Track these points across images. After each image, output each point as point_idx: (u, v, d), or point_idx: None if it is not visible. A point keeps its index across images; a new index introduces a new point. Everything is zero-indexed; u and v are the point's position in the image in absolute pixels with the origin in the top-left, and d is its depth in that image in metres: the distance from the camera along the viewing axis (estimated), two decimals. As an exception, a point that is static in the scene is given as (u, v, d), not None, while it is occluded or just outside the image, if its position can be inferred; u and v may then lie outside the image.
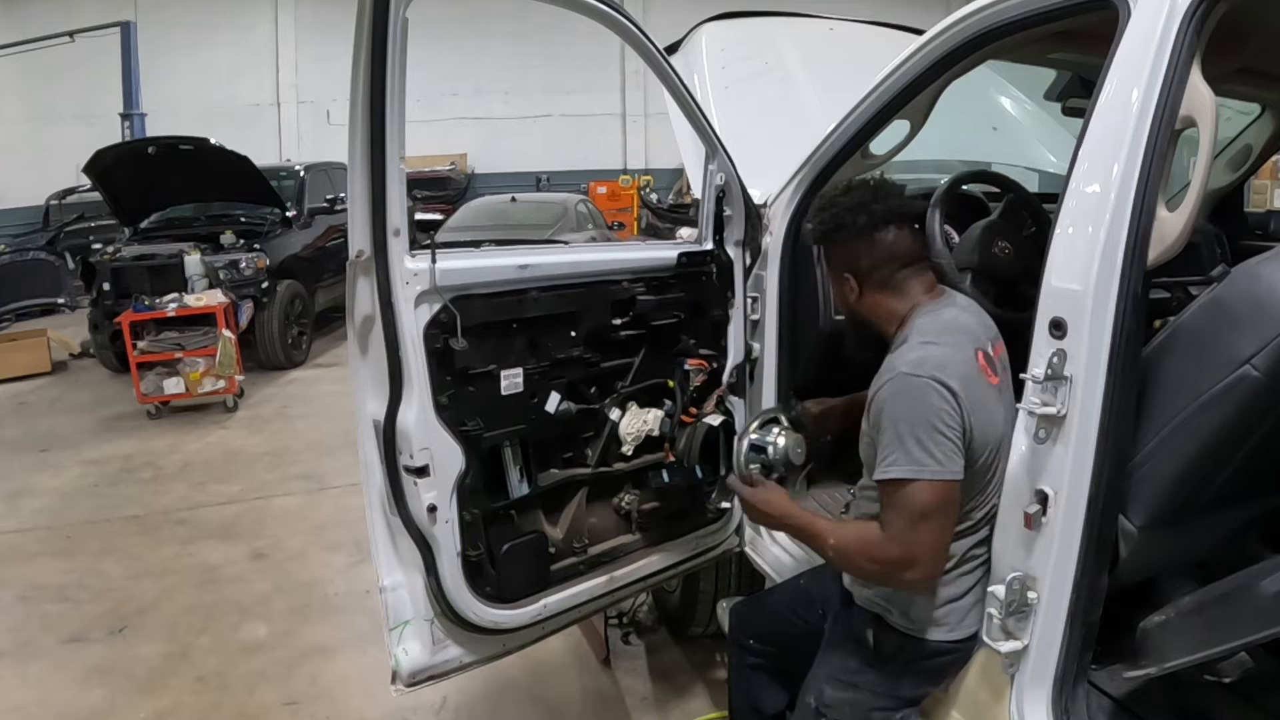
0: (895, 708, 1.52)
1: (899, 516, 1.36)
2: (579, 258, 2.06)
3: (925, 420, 1.34)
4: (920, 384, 1.36)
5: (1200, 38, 1.23)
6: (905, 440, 1.34)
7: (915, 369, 1.38)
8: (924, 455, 1.33)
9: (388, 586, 1.79)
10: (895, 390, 1.38)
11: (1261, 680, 1.48)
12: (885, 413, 1.39)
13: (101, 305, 6.36)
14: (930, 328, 1.46)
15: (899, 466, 1.35)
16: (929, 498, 1.34)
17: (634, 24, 1.83)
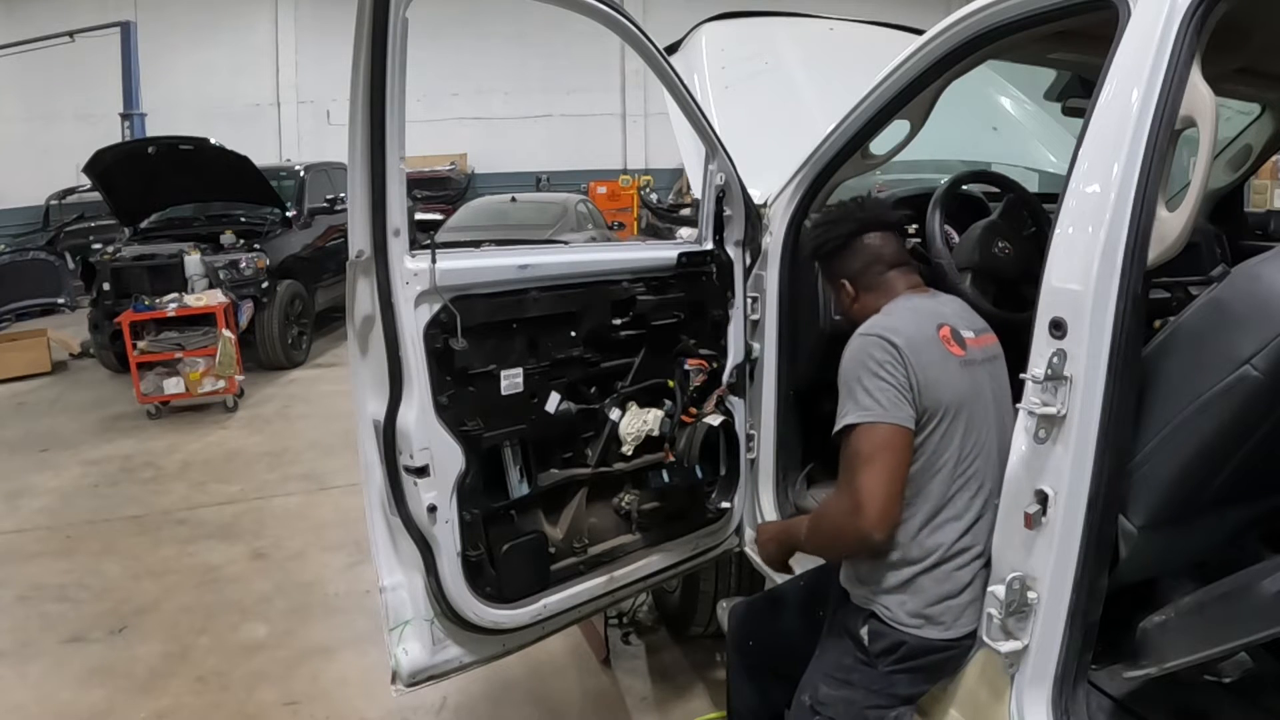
0: (890, 705, 1.52)
1: (847, 467, 1.44)
2: (579, 258, 2.06)
3: (867, 369, 1.43)
4: (866, 340, 1.47)
5: (1200, 38, 1.23)
6: (853, 391, 1.44)
7: (866, 330, 1.50)
8: (868, 400, 1.42)
9: (388, 586, 1.79)
10: (847, 353, 1.50)
11: (1261, 680, 1.48)
12: (842, 370, 1.49)
13: (101, 305, 6.35)
14: (896, 308, 1.58)
15: (849, 416, 1.43)
16: (875, 440, 1.41)
17: (634, 24, 1.83)
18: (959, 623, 1.47)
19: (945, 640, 1.47)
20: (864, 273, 1.65)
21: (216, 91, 14.10)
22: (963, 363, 1.49)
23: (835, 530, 1.50)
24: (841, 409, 1.46)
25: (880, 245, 1.65)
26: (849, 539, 1.46)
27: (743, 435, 2.20)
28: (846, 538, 1.47)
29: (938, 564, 1.46)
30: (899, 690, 1.52)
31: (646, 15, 12.76)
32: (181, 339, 5.81)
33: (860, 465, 1.41)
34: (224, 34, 14.33)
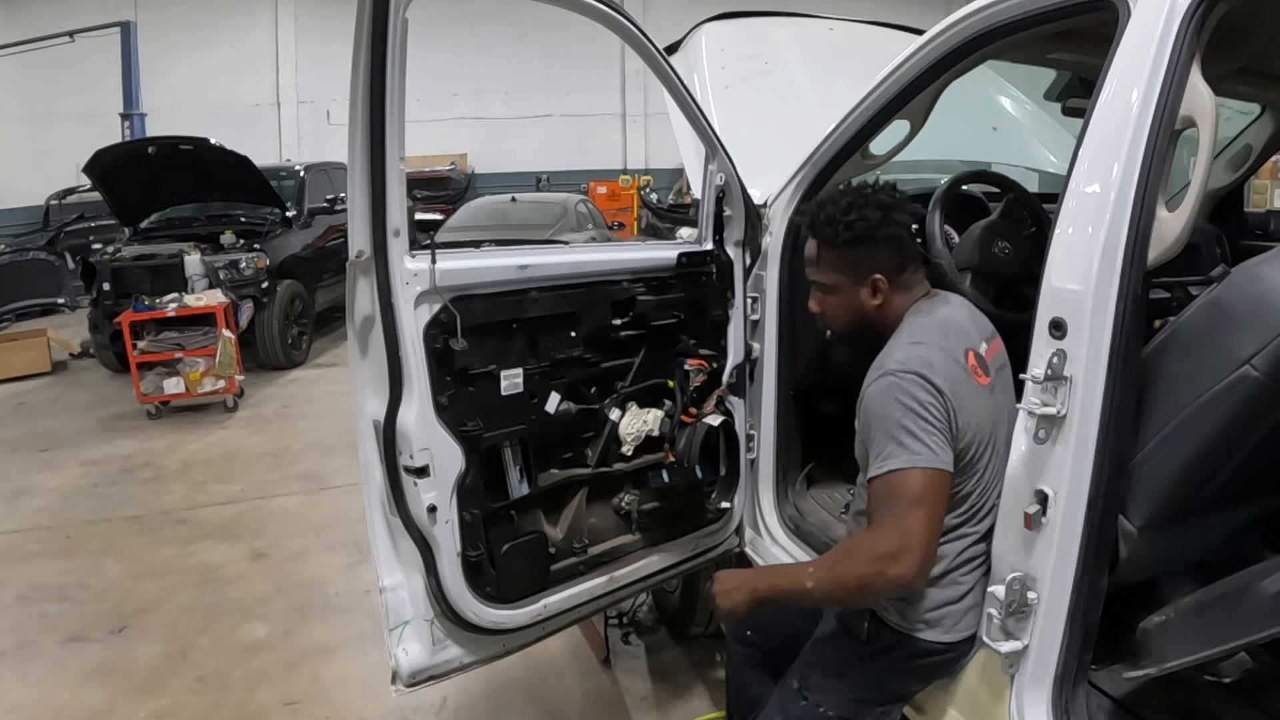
0: (879, 701, 1.52)
1: (893, 505, 1.34)
2: (579, 258, 2.06)
3: (914, 413, 1.34)
4: (907, 380, 1.37)
5: (1200, 38, 1.24)
6: (897, 434, 1.35)
7: (902, 366, 1.39)
8: (917, 444, 1.33)
9: (388, 586, 1.79)
10: (882, 388, 1.39)
11: (1261, 680, 1.48)
12: (873, 410, 1.39)
13: (101, 305, 6.35)
14: (922, 326, 1.48)
15: (894, 460, 1.34)
16: (923, 485, 1.33)
17: (634, 24, 1.83)
18: (959, 627, 1.47)
19: (944, 643, 1.47)
20: (900, 269, 1.52)
21: (216, 91, 14.09)
22: (990, 390, 1.46)
23: (870, 575, 1.34)
24: (881, 450, 1.36)
25: (914, 241, 1.56)
26: (885, 584, 1.34)
27: (743, 435, 2.19)
28: (883, 582, 1.34)
29: (943, 574, 1.45)
30: (890, 688, 1.53)
31: (646, 15, 12.77)
32: (181, 339, 5.80)
33: (910, 509, 1.32)
34: (224, 34, 14.32)
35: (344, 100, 1.55)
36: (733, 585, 1.52)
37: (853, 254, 1.51)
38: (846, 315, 1.56)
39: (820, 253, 1.55)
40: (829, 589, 1.40)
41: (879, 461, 1.36)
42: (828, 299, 1.57)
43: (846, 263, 1.53)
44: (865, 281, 1.51)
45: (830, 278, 1.55)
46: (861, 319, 1.55)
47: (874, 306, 1.52)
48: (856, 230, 1.48)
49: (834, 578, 1.39)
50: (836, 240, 1.51)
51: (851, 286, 1.53)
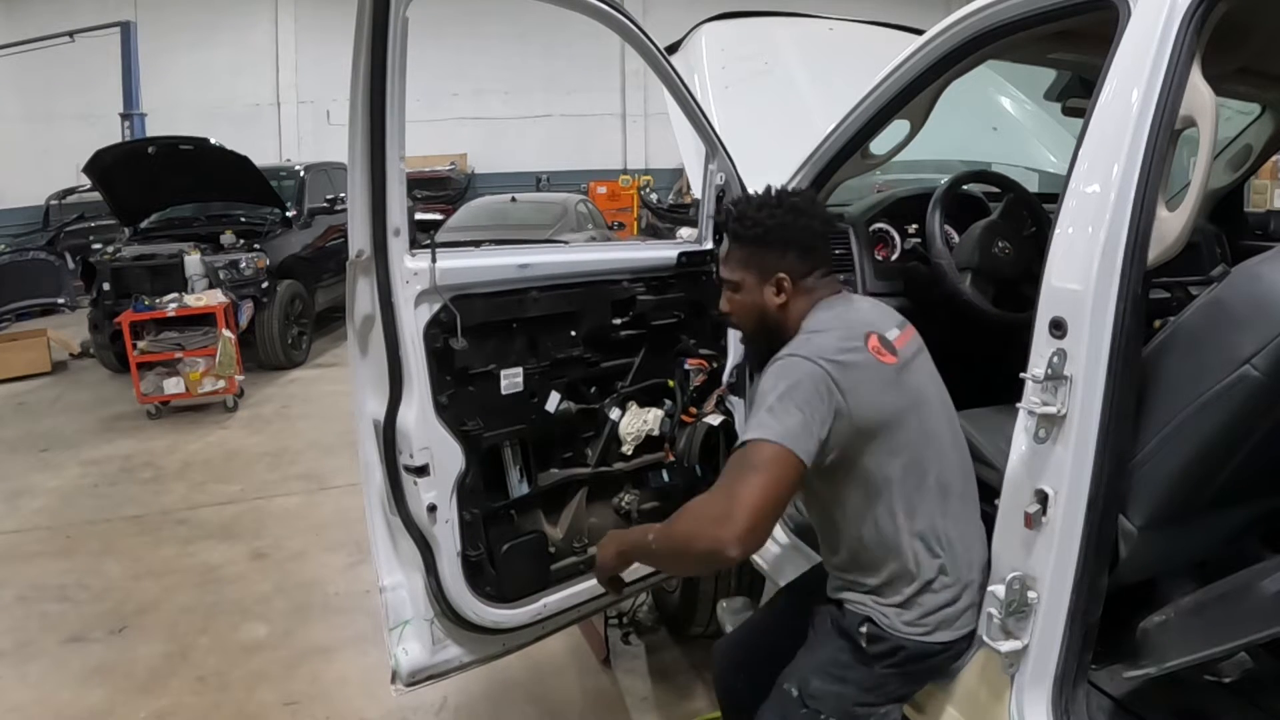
0: (880, 703, 1.52)
1: (733, 471, 1.33)
2: (579, 257, 2.06)
3: (787, 392, 1.34)
4: (793, 362, 1.38)
5: (1200, 37, 1.24)
6: (762, 405, 1.35)
7: (793, 350, 1.41)
8: (772, 421, 1.32)
9: (388, 586, 1.80)
10: (769, 371, 1.40)
11: (1261, 680, 1.48)
12: (759, 387, 1.40)
13: (101, 305, 6.35)
14: (821, 319, 1.50)
15: (751, 431, 1.33)
16: (767, 457, 1.30)
17: (634, 24, 1.83)
18: (956, 625, 1.47)
19: (943, 643, 1.47)
20: (806, 273, 1.53)
21: (216, 91, 14.09)
22: (897, 369, 1.45)
23: (692, 534, 1.33)
24: (748, 422, 1.38)
25: (828, 248, 1.58)
26: (702, 547, 1.31)
27: (743, 435, 2.19)
28: (700, 545, 1.31)
29: (934, 577, 1.45)
30: (890, 689, 1.52)
31: (646, 15, 12.76)
32: (181, 339, 5.80)
33: (744, 475, 1.29)
34: (224, 34, 14.33)
35: (344, 100, 1.55)
36: (607, 539, 1.56)
37: (760, 252, 1.53)
38: (750, 313, 1.57)
39: (730, 250, 1.57)
40: (662, 544, 1.41)
41: (741, 434, 1.38)
42: (735, 297, 1.58)
43: (753, 260, 1.54)
44: (769, 280, 1.52)
45: (737, 274, 1.56)
46: (764, 318, 1.55)
47: (777, 306, 1.52)
48: (766, 228, 1.51)
49: (667, 534, 1.40)
50: (745, 237, 1.54)
51: (756, 284, 1.54)
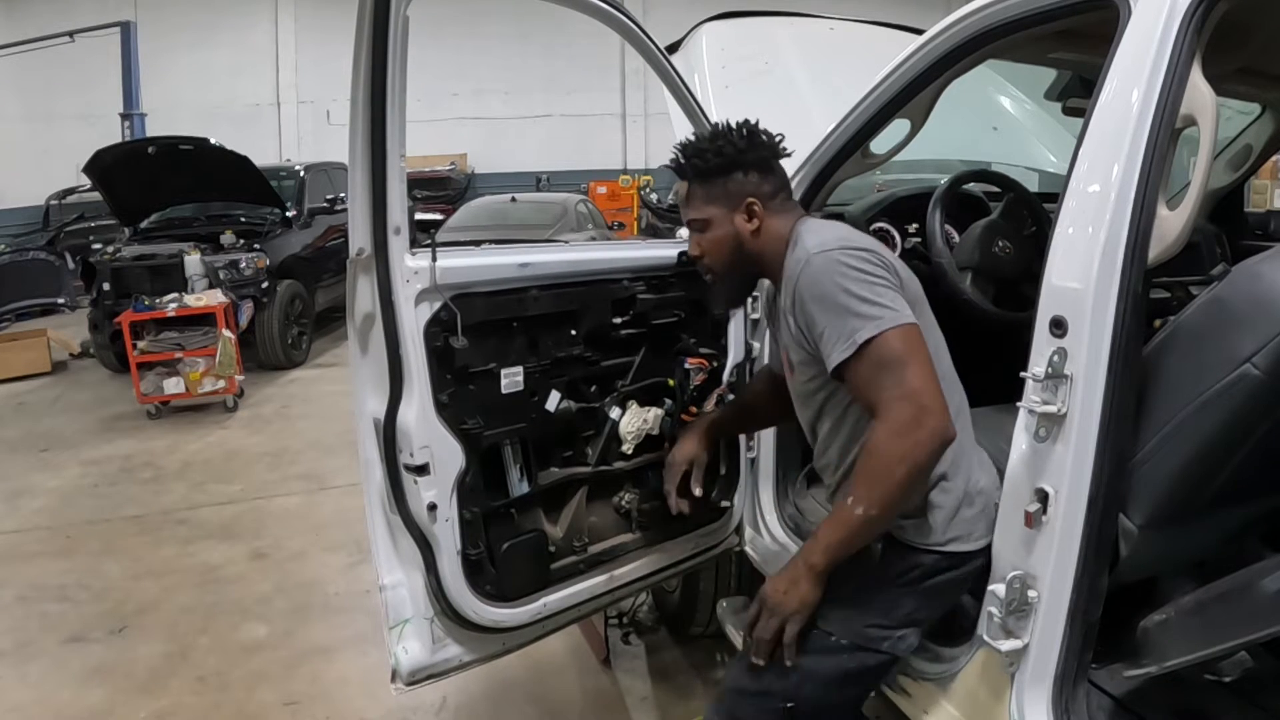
0: (895, 626, 1.45)
1: (885, 376, 1.26)
2: (579, 256, 2.06)
3: (855, 279, 1.29)
4: (834, 255, 1.33)
5: (1200, 37, 1.24)
6: (848, 307, 1.28)
7: (824, 246, 1.35)
8: (872, 309, 1.27)
9: (387, 585, 1.79)
10: (813, 272, 1.34)
11: (1261, 679, 1.48)
12: (811, 297, 1.34)
13: (101, 305, 6.35)
14: (819, 225, 1.47)
15: (859, 333, 1.26)
16: (902, 343, 1.26)
17: (635, 23, 1.83)
18: (972, 537, 1.42)
19: (961, 553, 1.42)
20: (775, 195, 1.51)
21: (216, 91, 14.11)
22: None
23: (908, 450, 1.24)
24: (839, 327, 1.28)
25: (781, 168, 1.55)
26: (927, 446, 1.25)
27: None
28: (924, 448, 1.24)
29: (946, 477, 1.41)
30: (906, 610, 1.45)
31: (646, 15, 12.77)
32: (181, 339, 5.80)
33: (903, 367, 1.24)
34: (224, 34, 14.34)
35: (344, 100, 1.55)
36: (786, 585, 1.37)
37: (722, 182, 1.50)
38: (725, 248, 1.52)
39: (691, 190, 1.53)
40: (883, 499, 1.27)
41: (841, 343, 1.28)
42: (705, 237, 1.53)
43: (717, 193, 1.50)
44: (739, 207, 1.49)
45: (704, 212, 1.52)
46: (740, 250, 1.51)
47: (751, 233, 1.49)
48: (724, 156, 1.48)
49: (878, 485, 1.26)
50: (706, 170, 1.50)
51: (725, 216, 1.50)
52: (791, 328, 1.43)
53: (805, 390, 1.52)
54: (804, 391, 1.53)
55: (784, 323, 1.47)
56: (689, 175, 1.53)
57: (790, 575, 1.38)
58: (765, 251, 1.50)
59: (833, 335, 1.30)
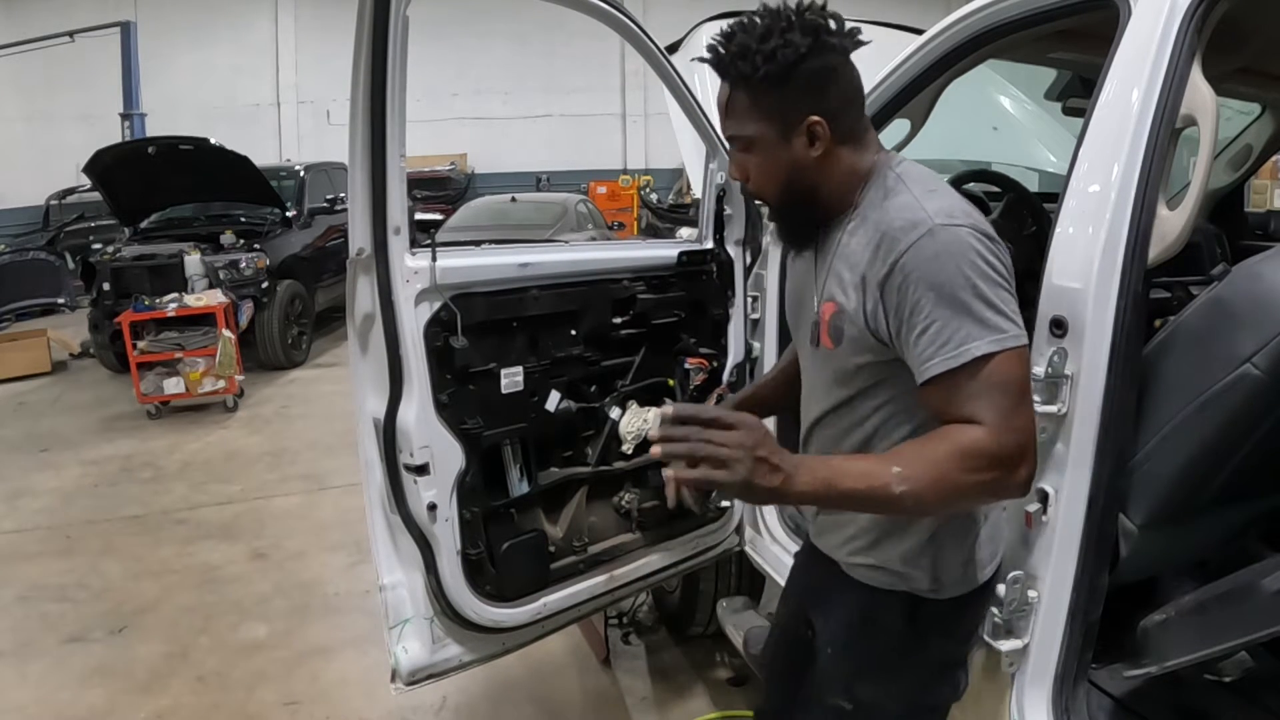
0: (943, 671, 1.32)
1: (998, 397, 1.03)
2: (579, 256, 2.06)
3: (984, 275, 1.04)
4: (964, 234, 1.05)
5: (1200, 37, 1.24)
6: (972, 306, 1.03)
7: (949, 218, 1.07)
8: (1000, 319, 1.04)
9: (387, 585, 1.79)
10: (937, 249, 1.05)
11: (1261, 679, 1.48)
12: (925, 278, 1.05)
13: (101, 305, 6.35)
14: (926, 176, 1.16)
15: (979, 341, 1.03)
16: (1021, 368, 1.05)
17: (635, 23, 1.83)
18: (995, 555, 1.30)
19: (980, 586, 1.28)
20: (845, 113, 1.16)
21: (216, 91, 14.11)
22: None
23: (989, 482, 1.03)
24: (947, 333, 1.04)
25: (856, 75, 1.18)
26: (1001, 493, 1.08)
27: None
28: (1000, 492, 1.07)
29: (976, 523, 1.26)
30: (950, 654, 1.32)
31: (646, 15, 12.77)
32: (181, 339, 5.80)
33: (1021, 396, 1.04)
34: (224, 34, 14.34)
35: (344, 100, 1.55)
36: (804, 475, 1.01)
37: (776, 94, 1.14)
38: (777, 174, 1.18)
39: (733, 97, 1.17)
40: (925, 495, 1.02)
41: (946, 349, 1.04)
42: (751, 158, 1.19)
43: (769, 107, 1.15)
44: (798, 128, 1.14)
45: (750, 128, 1.17)
46: (797, 177, 1.18)
47: (813, 160, 1.16)
48: (780, 62, 1.10)
49: (936, 483, 1.02)
50: (754, 76, 1.13)
51: (777, 138, 1.16)
52: (866, 297, 1.12)
53: (841, 369, 1.21)
54: (839, 370, 1.21)
55: (848, 282, 1.16)
56: (730, 78, 1.16)
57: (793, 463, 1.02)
58: (828, 185, 1.18)
59: (939, 335, 1.04)
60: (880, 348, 1.14)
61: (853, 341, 1.17)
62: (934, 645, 1.29)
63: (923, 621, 1.25)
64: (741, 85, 1.15)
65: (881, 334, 1.12)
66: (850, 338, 1.17)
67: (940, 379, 1.05)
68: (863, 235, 1.15)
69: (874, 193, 1.16)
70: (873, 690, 1.28)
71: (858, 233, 1.16)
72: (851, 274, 1.15)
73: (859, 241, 1.15)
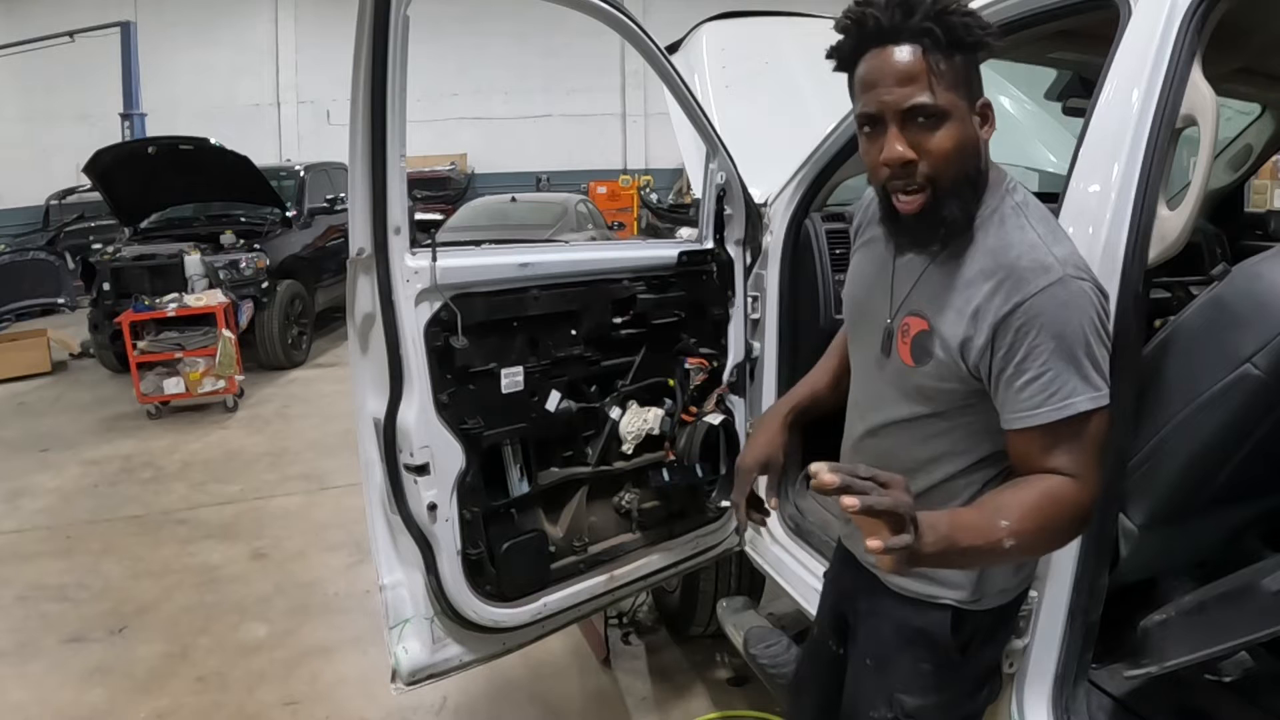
0: (984, 681, 1.33)
1: (1087, 454, 1.07)
2: (579, 256, 2.06)
3: (1097, 333, 1.06)
4: (1089, 289, 1.06)
5: (1201, 37, 1.24)
6: (1083, 363, 1.05)
7: (1078, 271, 1.07)
8: (1100, 379, 1.06)
9: (387, 585, 1.79)
10: (1066, 298, 1.05)
11: (1261, 679, 1.48)
12: (1050, 327, 1.05)
13: (101, 305, 6.35)
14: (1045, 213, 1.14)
15: (1082, 398, 1.05)
16: (1108, 426, 1.09)
17: (635, 23, 1.83)
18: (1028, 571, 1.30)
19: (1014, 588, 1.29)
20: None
21: (216, 91, 14.11)
22: None
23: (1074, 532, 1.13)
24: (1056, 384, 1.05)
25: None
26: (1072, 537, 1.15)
27: (743, 434, 2.19)
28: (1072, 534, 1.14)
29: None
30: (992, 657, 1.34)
31: (646, 15, 12.77)
32: (181, 339, 5.80)
33: (1100, 457, 1.08)
34: (224, 34, 14.34)
35: (344, 100, 1.55)
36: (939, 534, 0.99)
37: (971, 64, 1.09)
38: (963, 150, 1.09)
39: (929, 60, 1.05)
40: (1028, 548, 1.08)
41: (1052, 400, 1.05)
42: (933, 132, 1.07)
43: (967, 75, 1.08)
44: (976, 107, 1.10)
45: (945, 97, 1.06)
46: (974, 158, 1.11)
47: (983, 143, 1.13)
48: (982, 31, 1.06)
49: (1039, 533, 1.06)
50: (964, 43, 1.06)
51: (967, 113, 1.09)
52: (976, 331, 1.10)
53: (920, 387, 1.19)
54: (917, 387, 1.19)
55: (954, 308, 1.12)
56: (933, 39, 1.05)
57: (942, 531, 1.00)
58: (985, 177, 1.14)
59: (1048, 386, 1.05)
60: (968, 380, 1.13)
61: (940, 366, 1.15)
62: (977, 655, 1.29)
63: (966, 633, 1.25)
64: (937, 50, 1.06)
65: (978, 369, 1.11)
66: (938, 361, 1.15)
67: (1039, 428, 1.07)
68: (977, 263, 1.12)
69: (991, 213, 1.13)
70: (917, 702, 1.27)
71: (968, 254, 1.13)
72: (960, 301, 1.12)
73: (972, 269, 1.12)
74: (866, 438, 1.30)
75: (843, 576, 1.45)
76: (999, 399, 1.11)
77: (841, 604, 1.43)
